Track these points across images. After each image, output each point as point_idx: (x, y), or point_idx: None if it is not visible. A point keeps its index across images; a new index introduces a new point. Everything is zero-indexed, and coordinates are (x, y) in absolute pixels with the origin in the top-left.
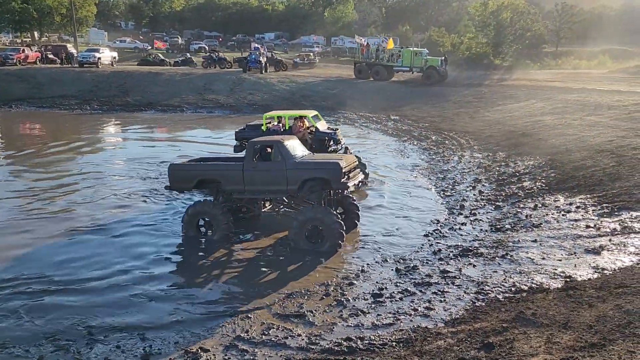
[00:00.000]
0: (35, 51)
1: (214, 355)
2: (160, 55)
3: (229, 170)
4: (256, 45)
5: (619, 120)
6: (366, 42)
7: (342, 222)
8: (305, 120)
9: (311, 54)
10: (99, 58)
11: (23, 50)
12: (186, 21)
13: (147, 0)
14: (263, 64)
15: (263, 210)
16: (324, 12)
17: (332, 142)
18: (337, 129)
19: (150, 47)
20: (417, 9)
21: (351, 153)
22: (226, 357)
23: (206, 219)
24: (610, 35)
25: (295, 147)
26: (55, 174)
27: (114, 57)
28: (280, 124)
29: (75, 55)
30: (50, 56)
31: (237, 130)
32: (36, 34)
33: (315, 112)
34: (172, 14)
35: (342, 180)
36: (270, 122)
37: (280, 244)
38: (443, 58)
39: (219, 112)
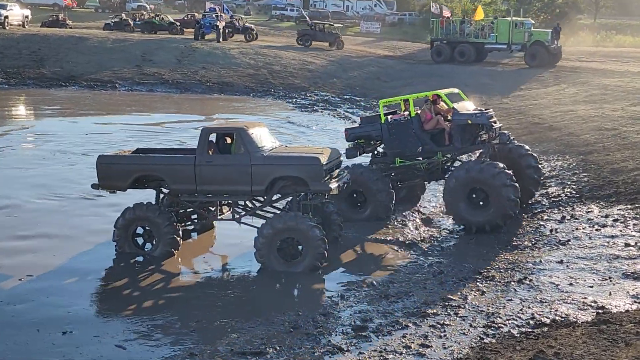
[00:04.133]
0: None
1: None
2: (168, 17)
3: (176, 164)
4: (212, 5)
5: None
6: (442, 10)
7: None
8: (439, 101)
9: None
10: (6, 17)
11: None
12: None
13: None
14: (220, 30)
15: (219, 217)
16: None
17: (481, 129)
18: (489, 109)
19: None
20: None
21: (510, 141)
22: None
23: (146, 228)
24: None
25: (263, 136)
26: None
27: (26, 17)
28: (406, 112)
29: None
30: None
31: (347, 128)
32: None
33: (455, 90)
34: None
35: (323, 180)
36: (392, 111)
37: (240, 262)
38: (554, 29)
39: (161, 90)
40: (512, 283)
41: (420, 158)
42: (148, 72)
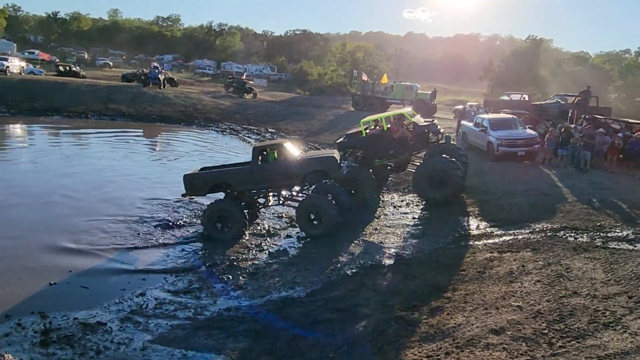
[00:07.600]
0: None
1: (110, 327)
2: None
3: (239, 173)
4: (155, 64)
5: None
6: (362, 75)
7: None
8: (403, 118)
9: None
10: (7, 66)
11: None
12: (93, 39)
13: (56, 18)
14: (161, 80)
15: (269, 204)
16: (215, 40)
17: (431, 134)
18: (434, 120)
19: (58, 60)
20: (291, 44)
21: (453, 142)
22: (121, 329)
23: (223, 216)
24: (435, 76)
25: (292, 148)
26: None
27: (22, 67)
28: (378, 127)
29: None
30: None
31: (338, 141)
32: None
33: (409, 109)
34: (80, 32)
35: (338, 170)
36: (367, 128)
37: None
38: (431, 92)
39: (120, 120)
40: (346, 242)
41: (391, 158)
42: (111, 107)
